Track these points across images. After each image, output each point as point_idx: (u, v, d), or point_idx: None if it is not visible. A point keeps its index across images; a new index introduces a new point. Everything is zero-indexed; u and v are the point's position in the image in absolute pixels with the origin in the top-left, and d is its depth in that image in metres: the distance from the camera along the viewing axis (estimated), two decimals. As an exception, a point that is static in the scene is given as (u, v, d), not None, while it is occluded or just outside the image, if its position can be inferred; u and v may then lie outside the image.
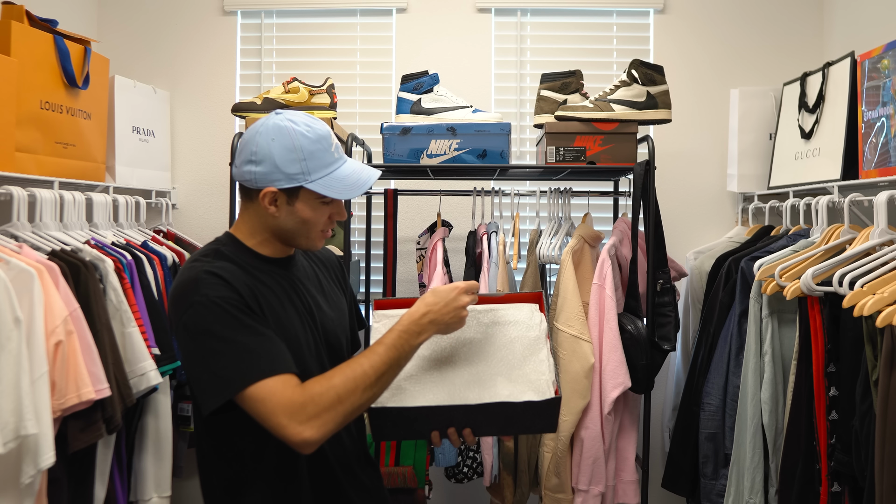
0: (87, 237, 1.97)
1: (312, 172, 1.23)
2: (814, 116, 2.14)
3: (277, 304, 1.25)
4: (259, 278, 1.25)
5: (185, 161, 2.73)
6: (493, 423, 1.31)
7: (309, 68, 2.68)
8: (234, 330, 1.15)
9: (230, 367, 1.13)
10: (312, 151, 1.23)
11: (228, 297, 1.16)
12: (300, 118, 1.25)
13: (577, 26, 2.69)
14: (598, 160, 2.12)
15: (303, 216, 1.25)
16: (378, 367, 1.19)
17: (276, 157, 1.21)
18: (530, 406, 1.30)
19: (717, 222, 2.66)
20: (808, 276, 1.67)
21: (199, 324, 1.15)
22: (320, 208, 1.26)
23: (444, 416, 1.30)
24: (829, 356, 1.68)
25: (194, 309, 1.15)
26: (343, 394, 1.15)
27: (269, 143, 1.22)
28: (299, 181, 1.22)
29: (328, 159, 1.24)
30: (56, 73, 1.96)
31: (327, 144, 1.25)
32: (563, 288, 2.05)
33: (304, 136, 1.23)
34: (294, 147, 1.22)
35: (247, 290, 1.20)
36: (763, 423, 1.85)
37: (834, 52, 2.45)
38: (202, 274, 1.18)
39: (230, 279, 1.19)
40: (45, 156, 1.94)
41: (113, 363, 1.73)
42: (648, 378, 2.04)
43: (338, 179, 1.25)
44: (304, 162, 1.22)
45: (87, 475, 1.75)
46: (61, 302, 1.59)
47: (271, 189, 1.22)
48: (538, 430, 1.34)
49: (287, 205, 1.24)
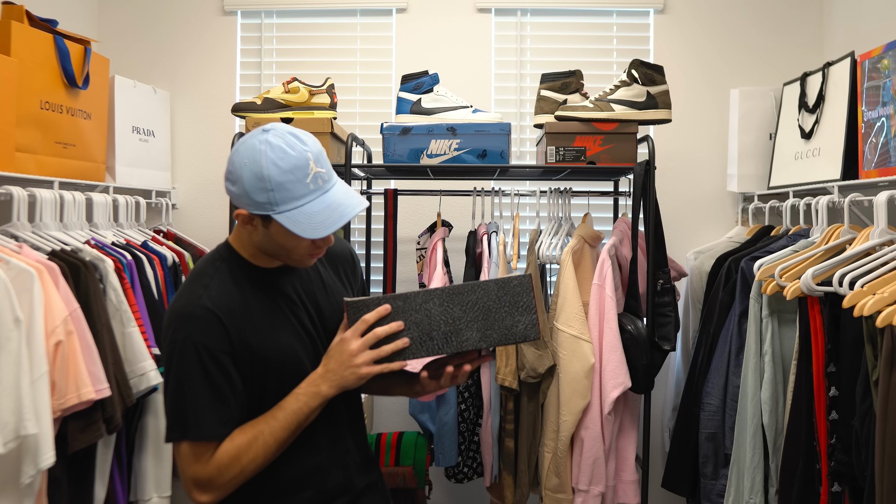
0: (87, 237, 1.97)
1: (280, 204, 1.16)
2: (814, 116, 2.14)
3: (267, 321, 1.25)
4: (253, 295, 1.26)
5: (185, 161, 2.73)
6: (472, 322, 1.26)
7: (309, 68, 2.68)
8: (195, 382, 1.18)
9: (175, 415, 1.20)
10: (281, 182, 1.15)
11: (209, 347, 1.19)
12: (280, 141, 1.17)
13: (577, 26, 2.69)
14: (598, 160, 2.12)
15: (279, 241, 1.21)
16: (277, 435, 1.22)
17: (246, 183, 1.16)
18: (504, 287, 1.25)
19: (717, 222, 2.66)
20: (808, 276, 1.67)
21: (172, 359, 1.20)
22: (295, 238, 1.20)
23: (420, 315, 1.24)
24: (830, 356, 1.68)
25: (176, 345, 1.19)
26: (245, 463, 1.20)
27: (242, 166, 1.17)
28: (266, 210, 1.17)
29: (300, 191, 1.16)
30: (56, 73, 1.96)
31: (301, 175, 1.16)
32: (563, 288, 2.05)
33: (275, 164, 1.15)
34: (262, 176, 1.15)
35: (237, 319, 1.22)
36: (763, 423, 1.85)
37: (834, 52, 2.45)
38: (198, 310, 1.19)
39: (222, 313, 1.20)
40: (45, 156, 1.94)
41: (113, 363, 1.72)
42: (648, 378, 2.04)
43: (306, 215, 1.17)
44: (271, 193, 1.15)
45: (87, 475, 1.75)
46: (61, 302, 1.59)
47: (243, 212, 1.19)
48: (520, 336, 1.27)
49: (263, 227, 1.21)
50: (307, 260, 1.26)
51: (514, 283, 1.27)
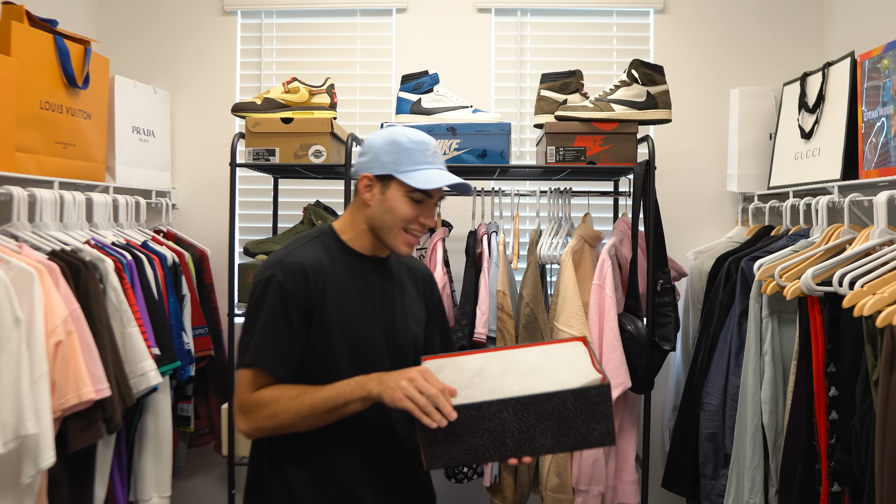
0: (87, 237, 1.97)
1: (402, 165, 1.41)
2: (814, 116, 2.14)
3: (347, 296, 1.43)
4: (341, 270, 1.44)
5: (185, 161, 2.73)
6: (546, 430, 1.27)
7: (309, 68, 2.68)
8: (272, 315, 1.35)
9: (245, 343, 1.38)
10: (408, 149, 1.42)
11: (292, 291, 1.36)
12: (413, 130, 1.47)
13: (577, 26, 2.69)
14: (598, 160, 2.12)
15: (391, 205, 1.42)
16: (315, 404, 1.33)
17: (377, 147, 1.44)
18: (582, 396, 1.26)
19: (717, 222, 2.66)
20: (808, 276, 1.67)
21: (257, 294, 1.38)
22: (409, 204, 1.42)
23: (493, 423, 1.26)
24: (830, 356, 1.68)
25: (263, 282, 1.37)
26: (278, 413, 1.34)
27: (377, 137, 1.46)
28: (389, 170, 1.41)
29: (420, 159, 1.43)
30: (56, 73, 1.97)
31: (423, 148, 1.44)
32: (563, 288, 2.05)
33: (405, 136, 1.44)
34: (393, 141, 1.43)
35: (321, 283, 1.39)
36: (763, 423, 1.85)
37: (834, 52, 2.45)
38: (290, 260, 1.39)
39: (311, 271, 1.38)
40: (45, 156, 1.94)
41: (113, 363, 1.73)
42: (648, 378, 2.04)
43: (422, 175, 1.42)
44: (397, 154, 1.42)
45: (86, 475, 1.75)
46: (61, 302, 1.59)
47: (367, 175, 1.43)
48: (595, 443, 1.28)
49: (380, 193, 1.43)
50: (404, 242, 1.44)
51: (592, 393, 1.28)
